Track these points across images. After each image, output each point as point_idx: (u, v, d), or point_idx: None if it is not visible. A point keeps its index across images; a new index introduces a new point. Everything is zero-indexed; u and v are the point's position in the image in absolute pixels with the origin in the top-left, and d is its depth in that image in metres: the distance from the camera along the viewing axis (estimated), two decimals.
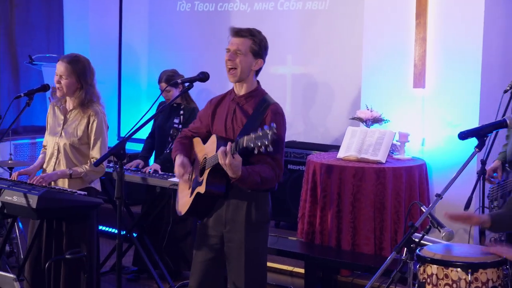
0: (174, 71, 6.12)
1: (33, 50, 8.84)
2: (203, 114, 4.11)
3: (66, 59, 4.57)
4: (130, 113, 8.96)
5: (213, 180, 3.78)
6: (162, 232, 5.91)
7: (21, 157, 8.83)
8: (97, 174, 4.62)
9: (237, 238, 3.86)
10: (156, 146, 6.17)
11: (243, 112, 3.89)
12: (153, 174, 5.68)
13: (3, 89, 8.76)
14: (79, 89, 4.58)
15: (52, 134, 4.70)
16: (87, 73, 4.60)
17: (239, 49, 3.84)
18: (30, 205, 4.06)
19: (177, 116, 6.00)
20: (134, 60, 9.03)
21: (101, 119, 4.61)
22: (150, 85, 8.68)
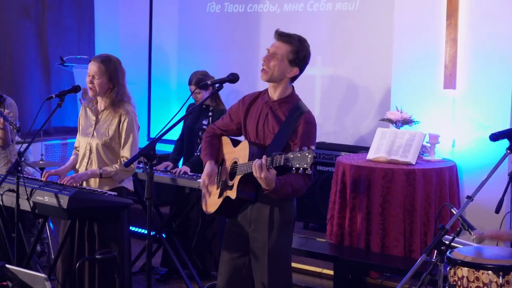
0: (204, 72, 6.10)
1: (65, 52, 8.91)
2: (234, 111, 4.09)
3: (98, 59, 4.61)
4: (160, 114, 8.99)
5: (244, 187, 3.80)
6: (191, 232, 5.93)
7: (52, 158, 8.91)
8: (127, 173, 4.65)
9: (260, 238, 3.86)
10: (185, 147, 6.18)
11: (276, 117, 3.87)
12: (182, 175, 5.70)
13: (34, 90, 8.84)
14: (110, 89, 4.62)
15: (84, 135, 4.74)
16: (118, 73, 4.63)
17: (277, 52, 3.81)
18: (61, 205, 4.09)
19: (206, 118, 6.00)
20: (164, 61, 9.06)
21: (132, 119, 4.64)
22: (180, 86, 8.70)
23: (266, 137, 3.86)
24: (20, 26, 8.59)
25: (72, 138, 4.92)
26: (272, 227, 3.84)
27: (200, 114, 6.05)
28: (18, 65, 8.60)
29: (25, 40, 8.65)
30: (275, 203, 3.84)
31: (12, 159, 5.46)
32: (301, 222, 7.14)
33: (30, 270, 3.64)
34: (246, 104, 4.03)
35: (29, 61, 8.74)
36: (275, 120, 3.86)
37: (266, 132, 3.87)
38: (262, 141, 3.88)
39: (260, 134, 3.90)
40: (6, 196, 4.37)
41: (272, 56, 3.82)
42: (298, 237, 5.74)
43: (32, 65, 8.78)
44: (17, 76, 8.57)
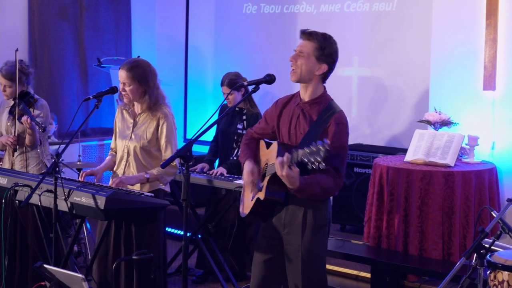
0: (236, 74, 6.10)
1: (102, 53, 8.98)
2: (269, 115, 4.10)
3: (125, 66, 4.62)
4: (196, 115, 9.03)
5: (273, 188, 3.79)
6: (227, 234, 5.93)
7: (89, 159, 8.99)
8: (171, 175, 4.69)
9: (294, 241, 3.85)
10: (220, 151, 6.18)
11: (307, 118, 3.86)
12: (218, 176, 5.71)
13: (72, 91, 8.92)
14: (144, 93, 4.64)
15: (122, 137, 4.77)
16: (148, 76, 4.64)
17: (302, 51, 3.82)
18: (98, 206, 4.12)
19: (240, 122, 5.99)
20: (200, 63, 9.09)
21: (170, 122, 4.67)
22: (216, 87, 8.71)
23: (298, 139, 3.86)
24: (58, 28, 8.68)
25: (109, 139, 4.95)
26: (305, 230, 3.83)
27: (234, 117, 6.05)
28: (56, 66, 8.69)
29: (63, 42, 8.73)
30: (308, 205, 3.82)
31: (44, 160, 5.51)
32: (338, 224, 7.11)
33: (67, 271, 3.67)
34: (279, 107, 4.03)
35: (67, 63, 8.82)
36: (306, 121, 3.85)
37: (298, 134, 3.86)
38: (294, 143, 3.87)
39: (293, 137, 3.89)
40: (44, 196, 4.40)
41: (298, 55, 3.83)
42: (334, 239, 5.72)
43: (69, 66, 8.86)
44: (55, 78, 8.66)
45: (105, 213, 4.13)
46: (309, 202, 3.80)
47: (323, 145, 3.33)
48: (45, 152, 5.57)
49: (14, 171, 5.14)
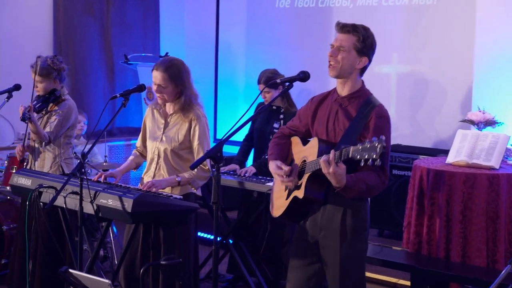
0: (274, 71, 6.10)
1: (129, 50, 9.03)
2: (303, 112, 4.10)
3: (161, 67, 4.62)
4: (226, 114, 9.04)
5: (312, 186, 3.77)
6: (259, 238, 5.93)
7: (116, 159, 9.04)
8: (204, 179, 4.70)
9: (332, 245, 3.83)
10: (255, 150, 6.18)
11: (346, 114, 3.84)
12: (250, 178, 5.70)
13: (98, 89, 8.98)
14: (179, 93, 4.66)
15: (152, 139, 4.79)
16: (183, 76, 4.66)
17: (342, 45, 3.79)
18: (125, 208, 4.13)
19: (277, 121, 5.98)
20: (231, 60, 9.10)
21: (203, 124, 4.69)
22: (248, 85, 8.73)
23: (337, 135, 3.84)
24: (84, 24, 8.74)
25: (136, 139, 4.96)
26: (344, 233, 3.81)
27: (271, 115, 6.04)
28: (82, 64, 8.76)
29: (89, 39, 8.80)
30: (347, 206, 3.80)
31: (61, 162, 5.52)
32: (376, 229, 7.07)
33: (93, 276, 3.69)
34: (314, 104, 4.03)
35: (93, 60, 8.89)
36: (345, 117, 3.83)
37: (337, 130, 3.85)
38: (333, 140, 3.85)
39: (331, 133, 3.87)
40: (69, 198, 4.44)
41: (339, 50, 3.80)
42: (372, 245, 5.68)
43: (95, 63, 8.92)
44: (81, 76, 8.72)
45: (132, 216, 4.15)
46: (348, 203, 3.78)
47: (379, 141, 3.31)
48: (64, 154, 5.56)
49: (39, 172, 5.18)
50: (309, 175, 3.75)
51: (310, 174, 3.74)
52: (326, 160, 3.52)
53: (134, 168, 5.00)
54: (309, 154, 3.83)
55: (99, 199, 4.32)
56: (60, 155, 5.53)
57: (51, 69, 5.48)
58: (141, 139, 4.98)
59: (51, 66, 5.48)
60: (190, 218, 4.58)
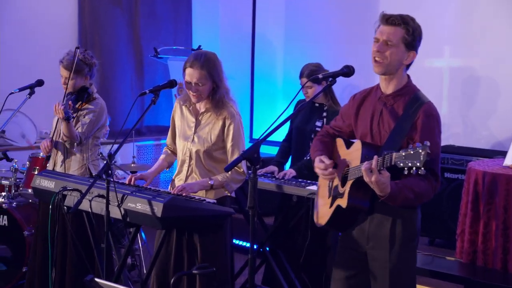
0: (317, 65, 6.06)
1: (159, 43, 9.08)
2: (345, 112, 4.08)
3: (197, 64, 4.59)
4: (264, 112, 9.04)
5: (356, 194, 3.74)
6: (298, 246, 5.90)
7: (145, 160, 9.09)
8: (238, 183, 4.70)
9: (380, 256, 3.80)
10: (293, 150, 6.16)
11: (391, 113, 3.80)
12: (289, 181, 5.69)
13: (126, 85, 9.03)
14: (213, 90, 4.66)
15: (183, 138, 4.80)
16: (219, 71, 4.66)
17: (390, 39, 3.72)
18: (154, 213, 4.13)
19: (320, 119, 5.95)
20: (269, 53, 9.10)
21: (238, 123, 4.68)
22: (286, 81, 8.72)
23: (383, 137, 3.80)
24: (111, 15, 8.80)
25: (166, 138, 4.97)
26: (393, 243, 3.78)
27: (313, 113, 6.02)
28: (108, 58, 8.81)
29: (116, 31, 8.85)
30: (397, 214, 3.76)
31: (89, 165, 5.55)
32: (426, 238, 7.03)
33: (120, 285, 3.70)
34: (356, 103, 4.00)
35: (121, 54, 8.94)
36: (390, 117, 3.80)
37: (382, 132, 3.81)
38: (378, 143, 3.82)
39: (376, 135, 3.84)
40: (95, 202, 4.45)
41: (386, 44, 3.73)
42: (422, 255, 5.64)
43: (123, 58, 8.98)
44: (107, 70, 8.78)
45: (163, 222, 4.15)
46: (398, 211, 3.75)
47: (423, 148, 3.27)
48: (92, 156, 5.59)
49: (62, 174, 5.21)
50: (352, 182, 3.74)
51: (353, 181, 3.73)
52: (368, 168, 3.48)
53: (167, 167, 5.03)
54: (353, 159, 3.80)
55: (127, 203, 4.33)
56: (88, 157, 5.56)
57: (83, 64, 5.49)
58: (171, 136, 5.00)
59: (83, 61, 5.48)
60: (225, 224, 4.57)
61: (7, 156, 5.64)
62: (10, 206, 6.25)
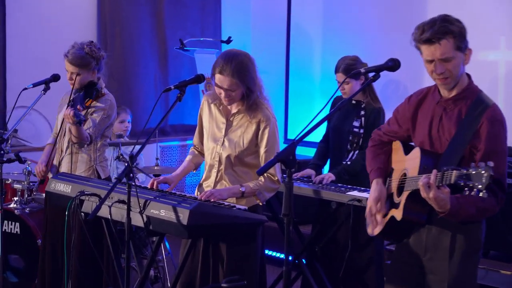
0: (355, 58, 6.03)
1: (185, 34, 9.09)
2: (401, 115, 4.08)
3: (228, 71, 4.51)
4: (299, 110, 9.02)
5: (413, 206, 3.76)
6: (338, 258, 5.89)
7: (169, 162, 9.10)
8: (272, 191, 4.68)
9: (438, 269, 3.80)
10: (331, 152, 6.14)
11: (452, 119, 3.80)
12: (328, 186, 5.67)
13: (149, 79, 9.04)
14: (246, 93, 4.65)
15: (212, 140, 4.79)
16: (251, 72, 4.60)
17: (446, 56, 3.69)
18: (180, 220, 4.13)
19: (357, 118, 5.92)
20: (305, 46, 9.08)
21: (273, 126, 4.67)
22: (325, 76, 8.70)
23: (443, 145, 3.81)
24: (133, 4, 8.83)
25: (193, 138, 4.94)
26: (454, 255, 3.78)
27: (350, 112, 5.99)
28: (130, 50, 8.84)
29: (138, 21, 8.87)
30: (457, 228, 3.76)
31: (97, 166, 5.57)
32: None
33: None
34: (413, 106, 4.00)
35: (143, 45, 8.96)
36: (451, 123, 3.79)
37: (442, 139, 3.81)
38: (438, 150, 3.82)
39: (436, 143, 3.85)
40: (115, 208, 4.45)
41: (444, 61, 3.70)
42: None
43: (146, 50, 9.00)
44: (128, 64, 8.80)
45: (189, 230, 4.15)
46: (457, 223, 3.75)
47: (486, 169, 3.24)
48: (100, 157, 5.61)
49: (80, 177, 5.22)
50: (409, 193, 3.74)
51: (410, 193, 3.73)
52: (426, 183, 3.48)
53: (194, 170, 5.03)
54: (410, 167, 3.81)
55: (150, 209, 4.33)
56: (96, 158, 5.58)
57: (89, 58, 5.51)
58: (198, 135, 5.00)
59: (89, 55, 5.51)
60: (256, 232, 4.57)
61: (20, 157, 5.64)
62: (22, 212, 6.29)
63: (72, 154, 5.59)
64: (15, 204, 6.37)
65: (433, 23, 3.70)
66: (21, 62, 7.99)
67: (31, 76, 6.31)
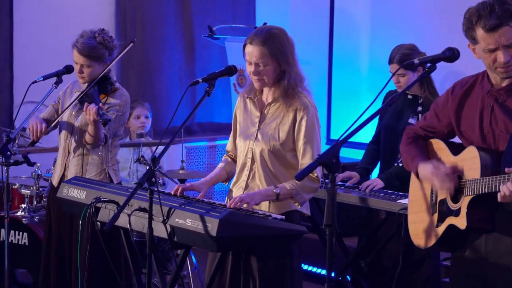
0: (411, 46, 6.00)
1: (215, 20, 9.10)
2: (441, 108, 4.08)
3: (258, 40, 4.58)
4: (344, 107, 9.02)
5: (477, 212, 3.76)
6: (388, 275, 5.88)
7: (196, 166, 9.12)
8: (311, 191, 4.62)
9: (501, 279, 3.80)
10: (382, 154, 6.12)
11: (506, 110, 3.80)
12: (376, 194, 5.66)
13: (173, 71, 9.06)
14: (281, 74, 4.64)
15: (245, 137, 4.78)
16: (287, 50, 4.62)
17: (509, 42, 3.69)
18: (208, 231, 4.14)
19: (414, 114, 5.90)
20: (351, 33, 9.07)
21: (312, 115, 4.62)
22: (373, 68, 8.69)
23: (497, 139, 3.80)
24: None
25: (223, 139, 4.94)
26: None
27: (405, 107, 5.97)
28: (152, 38, 8.87)
29: (161, 6, 8.90)
30: None
31: (108, 170, 5.58)
32: None
33: None
34: (457, 98, 4.00)
35: (167, 33, 8.99)
36: (505, 115, 3.79)
37: (497, 132, 3.81)
38: (492, 146, 3.82)
39: (489, 137, 3.83)
40: (135, 217, 4.46)
41: (508, 47, 3.71)
42: None
43: (170, 38, 9.03)
44: (150, 54, 8.83)
45: (218, 242, 4.15)
46: None
47: None
48: (112, 159, 5.62)
49: (95, 181, 5.22)
50: (472, 198, 3.74)
51: (473, 197, 3.73)
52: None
53: (225, 180, 4.98)
54: (468, 169, 3.81)
55: (174, 219, 4.34)
56: (108, 160, 5.59)
57: (103, 48, 5.50)
58: (233, 139, 4.97)
59: (102, 44, 5.50)
60: (293, 245, 4.57)
61: (29, 159, 5.63)
62: (31, 222, 6.32)
63: (82, 156, 5.60)
64: (23, 211, 6.41)
65: (491, 7, 3.71)
66: (30, 52, 8.04)
67: (41, 68, 6.34)
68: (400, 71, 5.82)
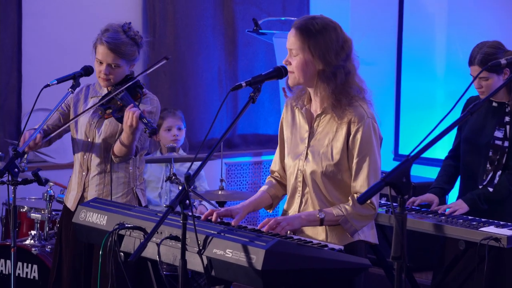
0: (496, 44, 5.97)
1: (261, 12, 9.12)
2: None
3: (298, 22, 4.56)
4: (415, 117, 9.00)
5: None
6: None
7: (237, 185, 9.13)
8: (365, 219, 4.59)
9: None
10: (462, 173, 6.10)
11: None
12: (455, 220, 5.63)
13: (211, 74, 9.08)
14: (321, 74, 4.57)
15: (293, 156, 4.74)
16: (333, 46, 4.55)
17: None
18: (252, 264, 4.14)
19: (500, 126, 5.86)
20: (424, 30, 9.07)
21: (369, 127, 4.54)
22: (450, 70, 8.68)
23: None
24: None
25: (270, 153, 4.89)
26: None
27: (489, 117, 5.95)
28: (185, 34, 8.90)
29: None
30: None
31: (136, 189, 5.58)
32: None
33: None
34: None
35: (204, 28, 9.03)
36: None
37: None
38: None
39: None
40: (165, 246, 4.48)
41: None
42: None
43: (207, 33, 9.06)
44: (183, 52, 8.87)
45: (264, 277, 4.16)
46: None
47: None
48: (140, 177, 5.62)
49: (117, 204, 5.20)
50: None
51: None
52: None
53: (270, 207, 4.95)
54: None
55: (212, 249, 4.35)
56: (136, 178, 5.58)
57: (134, 45, 5.50)
58: (279, 158, 4.94)
59: (134, 40, 5.51)
60: (355, 281, 4.56)
61: (40, 177, 5.60)
62: (42, 252, 6.33)
63: (104, 173, 5.61)
64: (32, 240, 6.43)
65: None
66: (41, 52, 8.09)
67: (53, 70, 6.37)
68: (483, 74, 5.79)
